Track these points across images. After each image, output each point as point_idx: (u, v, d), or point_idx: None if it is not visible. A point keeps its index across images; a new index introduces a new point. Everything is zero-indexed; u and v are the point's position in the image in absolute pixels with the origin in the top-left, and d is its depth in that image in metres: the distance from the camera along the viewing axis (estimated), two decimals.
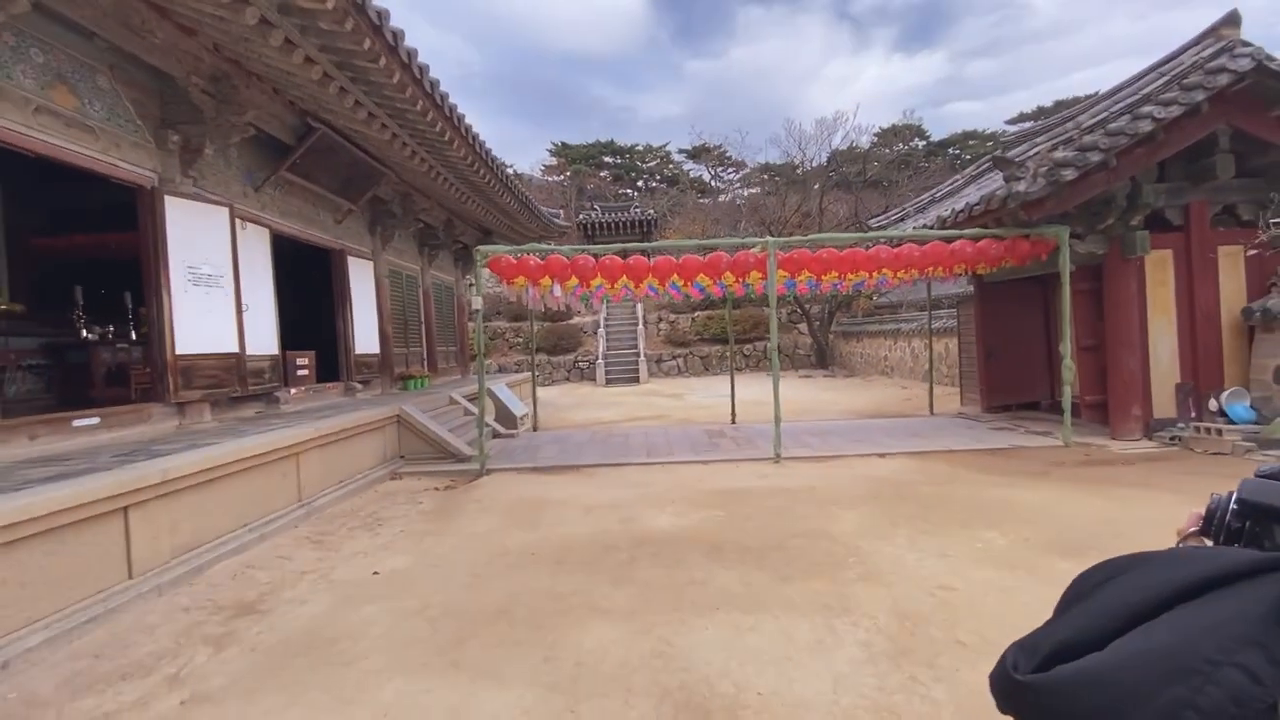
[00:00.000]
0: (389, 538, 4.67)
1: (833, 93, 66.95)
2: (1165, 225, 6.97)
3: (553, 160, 42.82)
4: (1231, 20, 6.65)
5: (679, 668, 2.65)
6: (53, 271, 9.12)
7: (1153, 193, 6.72)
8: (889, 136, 34.14)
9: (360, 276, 9.33)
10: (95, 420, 4.91)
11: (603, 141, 44.43)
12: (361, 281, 9.37)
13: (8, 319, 7.65)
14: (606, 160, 44.14)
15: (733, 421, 9.79)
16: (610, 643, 2.89)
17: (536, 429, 10.15)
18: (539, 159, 43.62)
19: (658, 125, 74.79)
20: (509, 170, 10.46)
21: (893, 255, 6.77)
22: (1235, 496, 0.73)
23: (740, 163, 36.22)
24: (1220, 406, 6.66)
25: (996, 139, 39.81)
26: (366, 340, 9.45)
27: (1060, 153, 6.19)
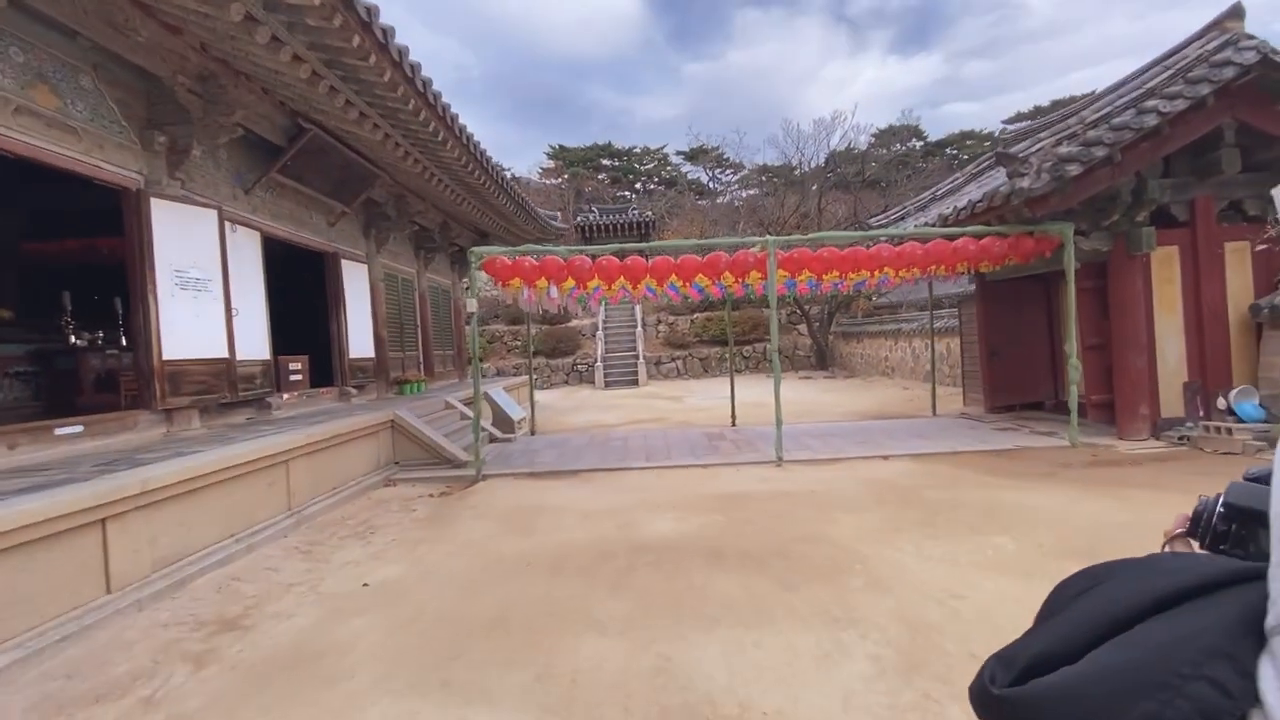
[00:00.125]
0: (381, 546, 4.54)
1: (830, 94, 66.93)
2: (1171, 221, 6.86)
3: (550, 163, 42.75)
4: (1235, 13, 6.56)
5: (679, 685, 2.52)
6: (41, 277, 9.01)
7: (1158, 188, 6.62)
8: (887, 137, 34.16)
9: (354, 280, 9.20)
10: (79, 428, 4.78)
11: (600, 144, 44.36)
12: (356, 285, 9.24)
13: None
14: (604, 163, 44.06)
15: (733, 424, 9.67)
16: (607, 657, 2.77)
17: (534, 433, 10.02)
18: (536, 162, 43.59)
19: (656, 128, 74.79)
20: (506, 173, 10.36)
21: (895, 254, 6.65)
22: (1221, 500, 0.73)
23: (738, 164, 36.21)
24: (1229, 405, 6.54)
25: (994, 139, 39.96)
26: (361, 344, 9.32)
27: (1064, 148, 6.08)
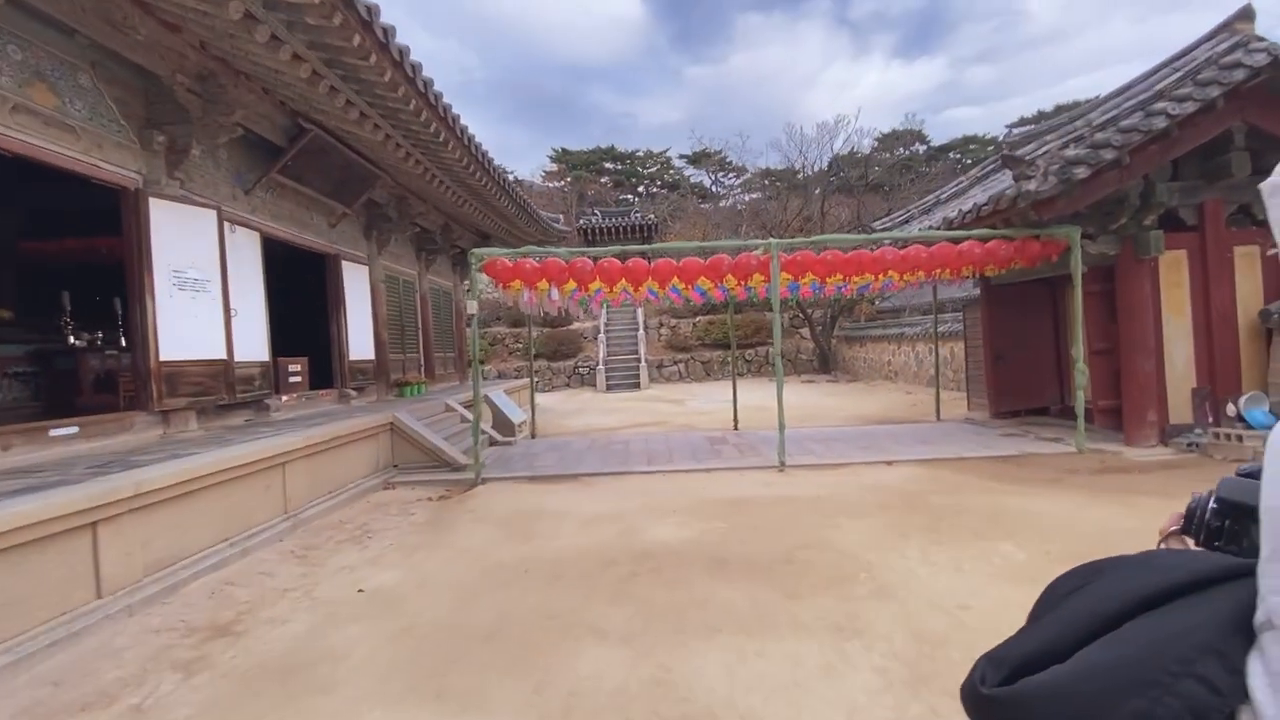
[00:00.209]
0: (378, 551, 4.47)
1: (832, 99, 67.05)
2: (1179, 225, 6.78)
3: (553, 166, 42.80)
4: (1245, 15, 6.49)
5: (680, 697, 2.45)
6: (41, 277, 8.98)
7: (1166, 191, 6.54)
8: (890, 141, 34.15)
9: (355, 281, 9.16)
10: (74, 430, 4.73)
11: (603, 148, 44.40)
12: (356, 286, 9.20)
13: None
14: (607, 166, 44.09)
15: (735, 428, 9.59)
16: (607, 667, 2.70)
17: (535, 436, 9.95)
18: (540, 165, 43.67)
19: (658, 131, 74.79)
20: (509, 176, 10.32)
21: (899, 257, 6.58)
22: (1214, 495, 0.73)
23: (741, 168, 36.22)
24: (1239, 411, 6.44)
25: (997, 143, 39.91)
26: (361, 346, 9.27)
27: (1072, 150, 6.01)
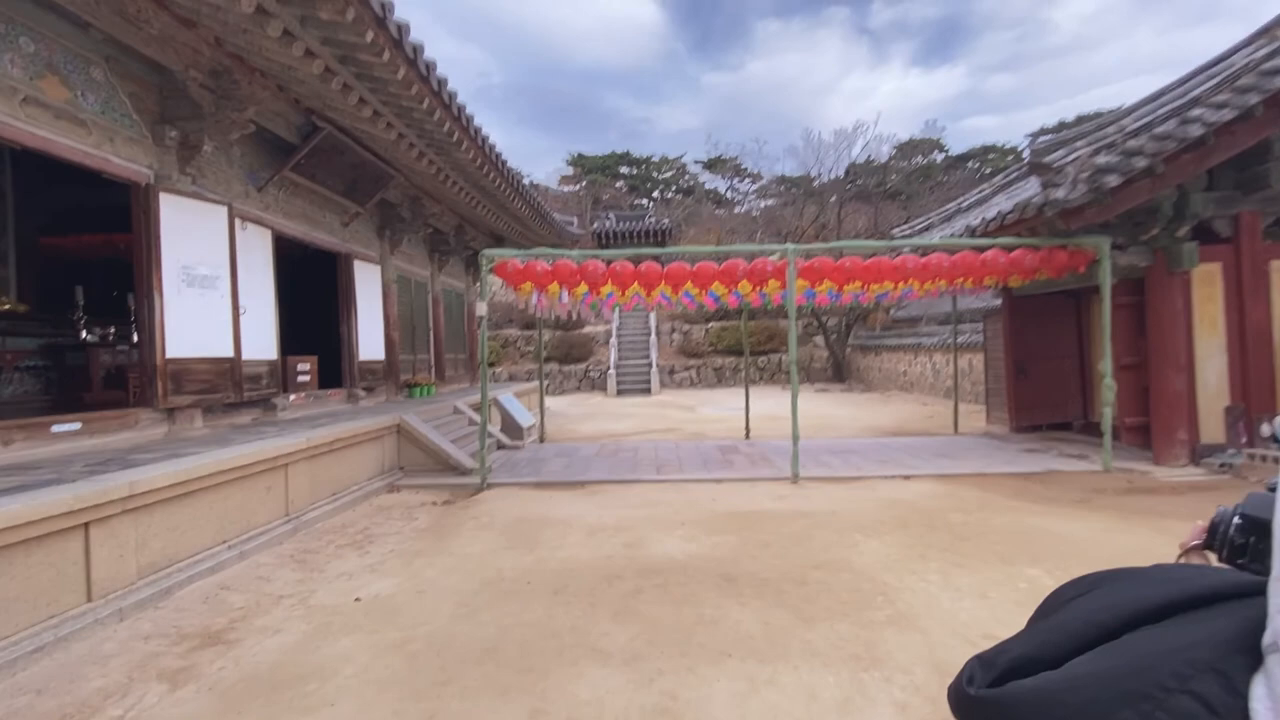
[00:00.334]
0: (378, 557, 4.36)
1: (850, 106, 66.89)
2: (1213, 237, 6.53)
3: (569, 170, 42.88)
4: None
5: None
6: (58, 271, 9.02)
7: (1201, 202, 6.30)
8: (908, 149, 33.81)
9: (367, 281, 9.12)
10: (76, 426, 4.68)
11: (619, 152, 44.44)
12: (368, 286, 9.15)
13: (9, 319, 7.52)
14: (622, 171, 44.11)
15: (747, 437, 9.41)
16: (609, 691, 2.55)
17: (543, 441, 9.84)
18: (556, 169, 43.75)
19: (675, 137, 74.92)
20: (524, 180, 10.25)
21: (920, 265, 6.39)
22: (1240, 510, 0.69)
23: (757, 174, 36.08)
24: (1274, 432, 6.10)
25: (1017, 153, 39.44)
26: (372, 346, 9.22)
27: (1103, 157, 5.80)
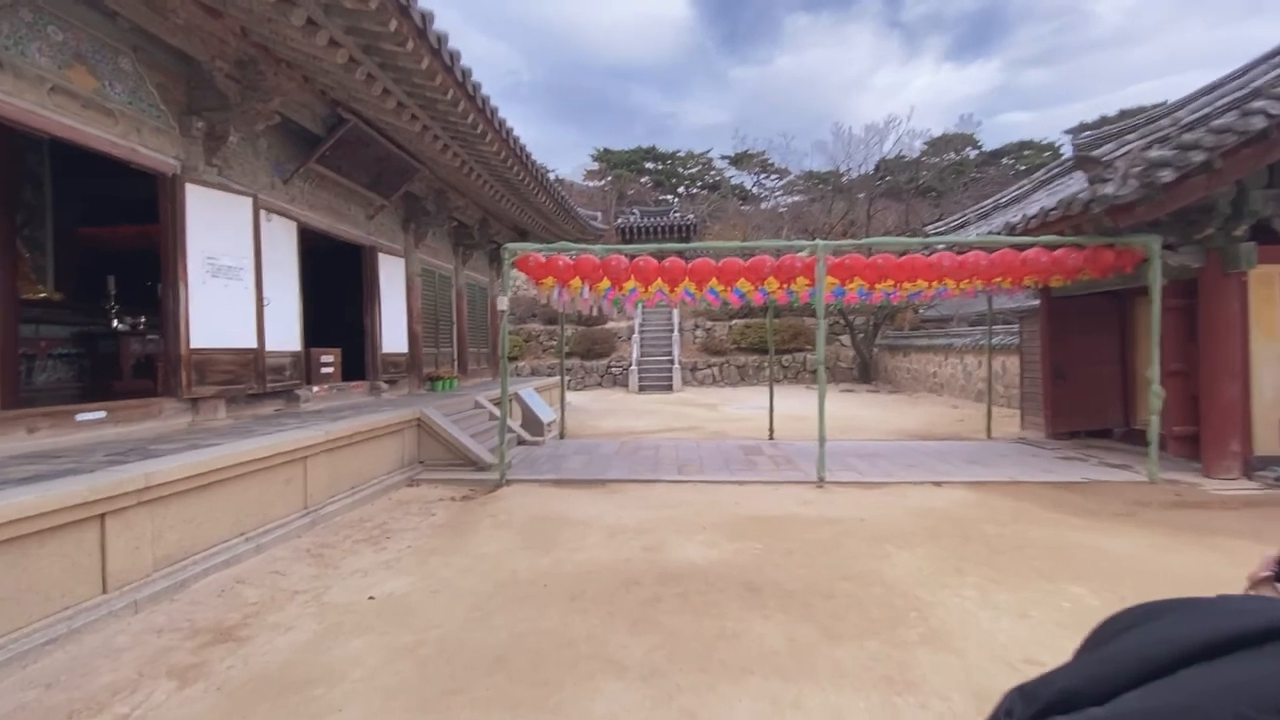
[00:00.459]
0: (394, 554, 4.31)
1: (880, 102, 65.58)
2: (1272, 236, 6.14)
3: (594, 165, 42.80)
4: None
5: None
6: (94, 261, 9.18)
7: (1261, 199, 5.92)
8: (940, 145, 32.98)
9: (391, 274, 9.12)
10: (101, 415, 4.71)
11: (645, 148, 44.22)
12: (392, 279, 9.16)
13: (44, 307, 7.67)
14: (648, 166, 43.89)
15: (770, 437, 9.22)
16: (625, 710, 2.43)
17: (564, 437, 9.76)
18: (581, 164, 43.76)
19: (701, 132, 74.37)
20: (550, 174, 10.18)
21: (957, 263, 6.12)
22: None
23: (784, 170, 35.52)
24: None
25: (1055, 149, 38.24)
26: (395, 339, 9.23)
27: (1156, 151, 5.48)
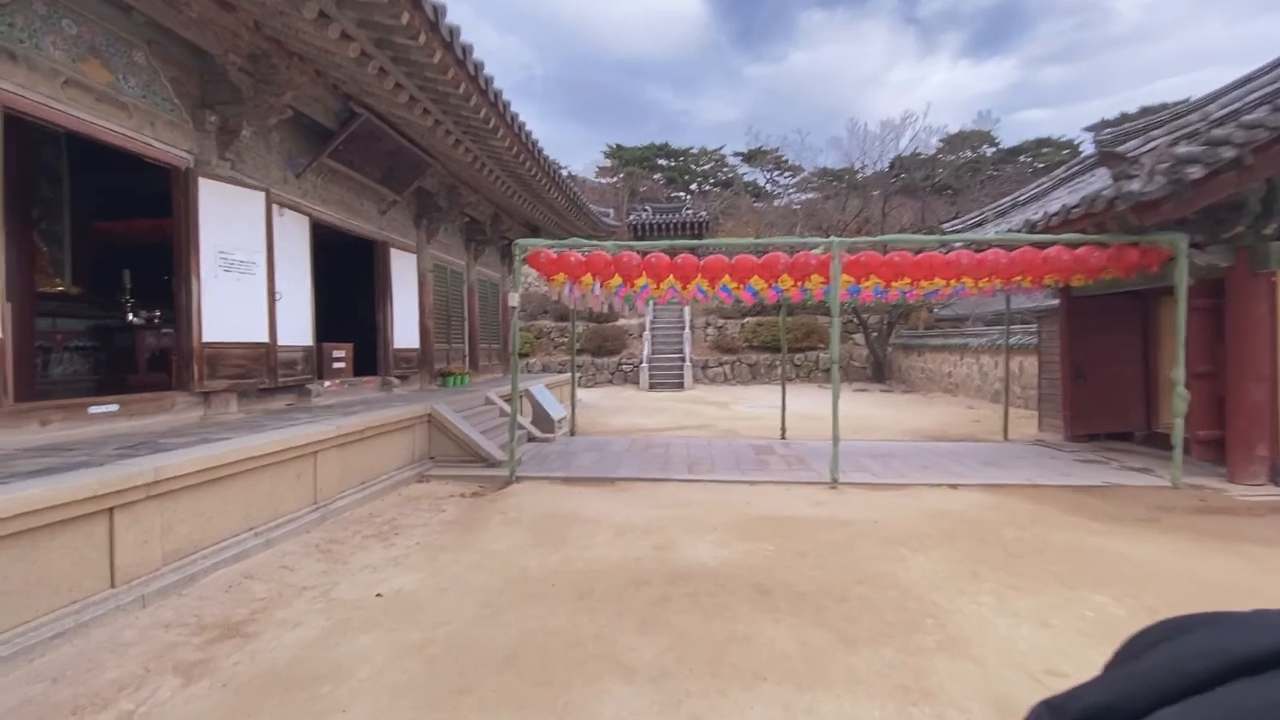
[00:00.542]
0: (403, 550, 4.29)
1: (894, 99, 64.61)
2: None
3: (607, 162, 42.75)
4: None
5: None
6: (111, 255, 9.26)
7: None
8: (956, 142, 32.58)
9: (403, 269, 9.13)
10: (114, 408, 4.73)
11: (657, 144, 44.12)
12: (404, 274, 9.17)
13: (61, 300, 7.74)
14: (660, 163, 43.78)
15: (782, 437, 9.12)
16: (633, 714, 2.38)
17: (574, 434, 9.73)
18: (593, 160, 43.67)
19: (714, 129, 73.95)
20: (562, 171, 10.12)
21: (975, 261, 6.00)
22: None
23: (797, 167, 35.28)
24: None
25: (1072, 146, 37.65)
26: (406, 335, 9.24)
27: (1184, 147, 5.33)
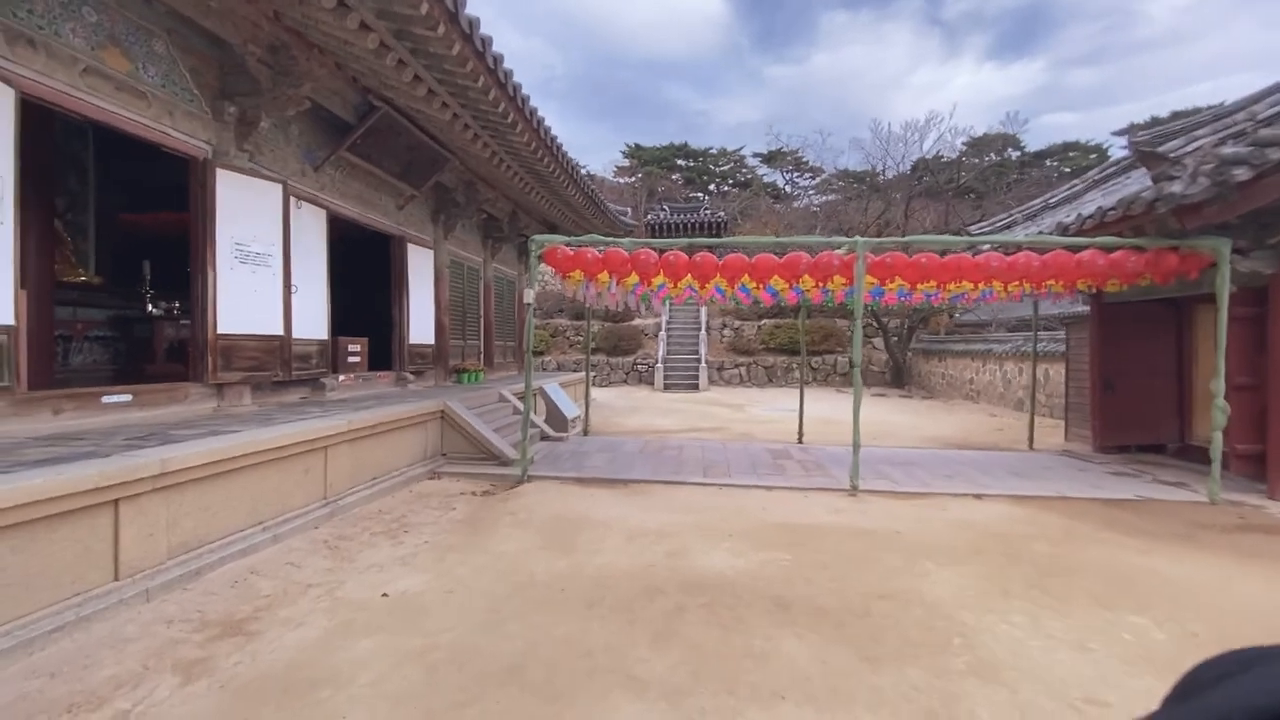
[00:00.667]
0: (411, 549, 4.20)
1: (917, 101, 64.14)
2: None
3: (625, 162, 42.73)
4: None
5: None
6: (134, 247, 9.32)
7: None
8: (980, 145, 32.05)
9: (420, 265, 9.10)
10: (127, 398, 4.71)
11: (676, 144, 44.03)
12: (420, 270, 9.14)
13: (82, 290, 7.80)
14: (679, 163, 43.67)
15: (799, 441, 8.95)
16: None
17: (587, 433, 9.63)
18: (612, 160, 43.74)
19: (733, 130, 73.73)
20: (581, 170, 10.04)
21: (1006, 264, 5.78)
22: None
23: (817, 168, 34.96)
24: None
25: (1101, 150, 36.90)
26: (422, 330, 9.21)
27: (1229, 148, 5.09)
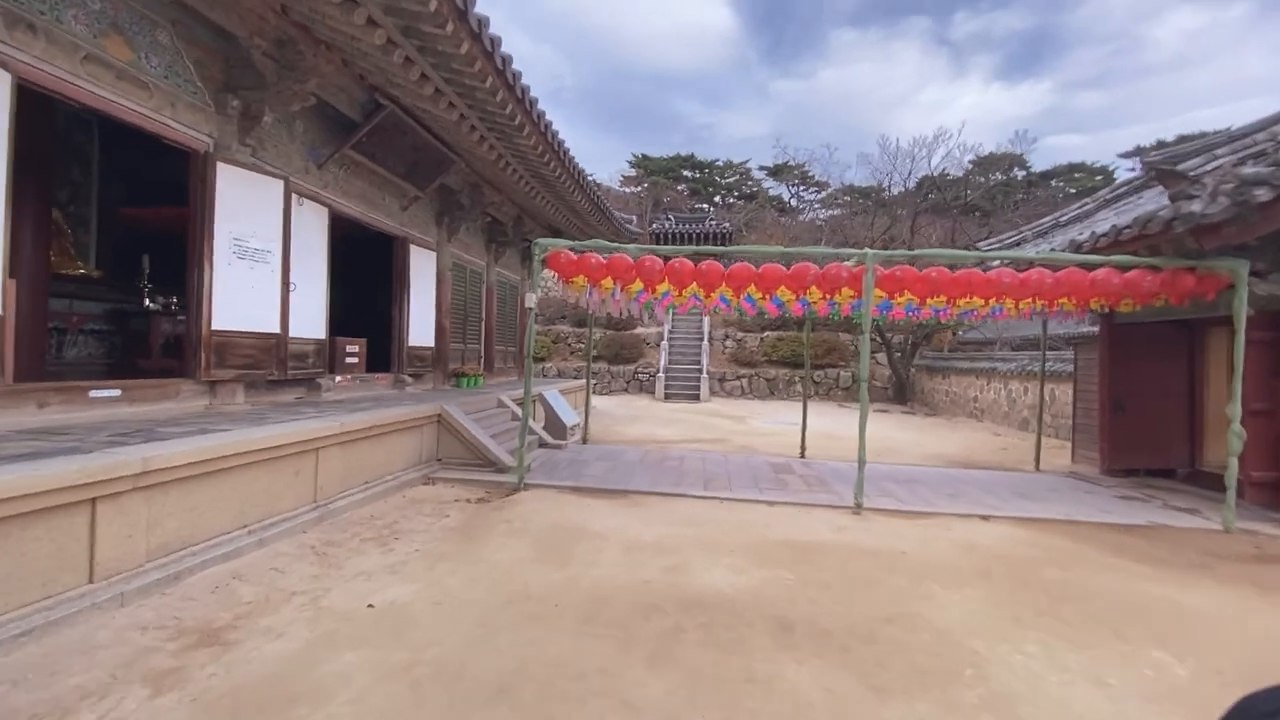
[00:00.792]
0: (400, 556, 4.07)
1: (924, 119, 64.41)
2: None
3: (632, 171, 42.86)
4: None
5: None
6: (134, 241, 9.24)
7: None
8: (987, 164, 32.11)
9: (422, 266, 9.01)
10: (116, 393, 4.59)
11: (683, 155, 44.17)
12: (422, 272, 9.05)
13: (80, 283, 7.71)
14: (685, 174, 43.79)
15: (802, 455, 8.81)
16: None
17: (586, 441, 9.49)
18: (618, 169, 43.84)
19: (740, 143, 74.17)
20: (588, 177, 9.98)
21: (1018, 281, 5.66)
22: None
23: (823, 183, 35.06)
24: None
25: (1107, 172, 36.97)
26: (422, 333, 9.11)
27: (1250, 168, 4.99)
